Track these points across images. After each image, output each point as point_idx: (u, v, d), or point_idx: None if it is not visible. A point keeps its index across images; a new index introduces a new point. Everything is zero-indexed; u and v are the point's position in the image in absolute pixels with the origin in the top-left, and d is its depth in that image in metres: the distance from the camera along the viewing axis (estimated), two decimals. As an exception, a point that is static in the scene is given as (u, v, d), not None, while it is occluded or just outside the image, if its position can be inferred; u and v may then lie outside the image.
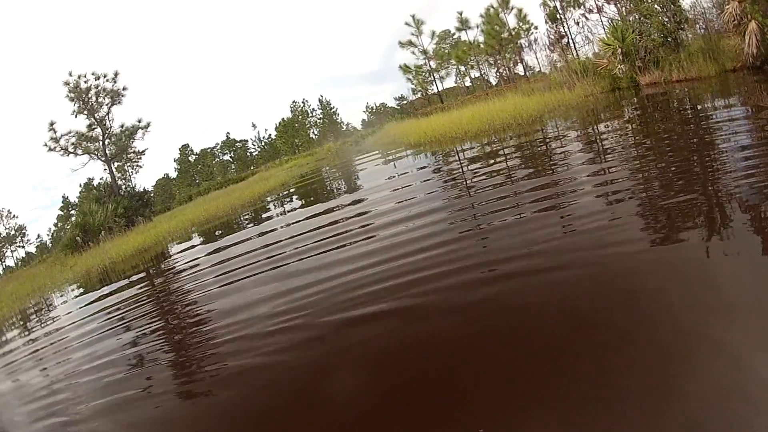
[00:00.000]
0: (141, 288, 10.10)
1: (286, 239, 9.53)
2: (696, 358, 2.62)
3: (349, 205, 11.01)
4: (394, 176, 13.89)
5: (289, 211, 14.56)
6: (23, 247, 65.85)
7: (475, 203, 7.46)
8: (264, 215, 16.12)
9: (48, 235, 69.13)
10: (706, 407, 2.30)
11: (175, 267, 11.49)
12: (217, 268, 8.99)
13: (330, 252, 7.27)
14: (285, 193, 22.13)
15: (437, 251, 5.61)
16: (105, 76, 35.83)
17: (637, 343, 2.88)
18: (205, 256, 11.00)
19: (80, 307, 10.35)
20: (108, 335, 7.04)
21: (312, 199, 15.90)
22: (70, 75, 34.78)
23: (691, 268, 3.51)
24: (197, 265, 10.40)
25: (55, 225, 68.96)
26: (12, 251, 64.55)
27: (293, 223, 11.25)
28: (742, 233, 3.70)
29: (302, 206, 14.70)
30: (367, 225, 8.15)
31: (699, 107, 10.77)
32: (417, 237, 6.42)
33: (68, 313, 10.52)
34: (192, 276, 9.33)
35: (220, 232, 15.41)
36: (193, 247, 14.29)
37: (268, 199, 21.83)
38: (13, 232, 64.97)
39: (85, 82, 35.19)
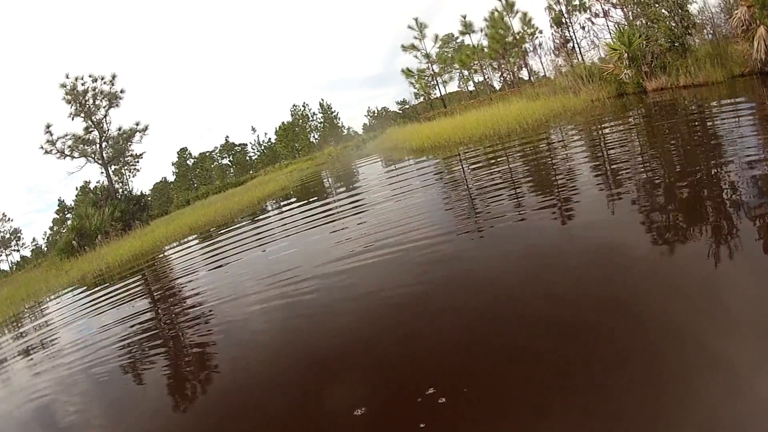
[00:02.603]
0: (137, 289, 9.86)
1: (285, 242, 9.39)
2: (695, 375, 2.52)
3: (346, 200, 11.14)
4: (392, 177, 13.85)
5: (289, 216, 14.35)
6: (18, 250, 65.64)
7: (475, 209, 7.41)
8: (264, 219, 15.87)
9: (43, 238, 68.90)
10: (703, 426, 2.23)
11: (171, 264, 11.31)
12: (216, 262, 8.98)
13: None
14: (284, 196, 21.90)
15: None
16: (102, 79, 35.62)
17: (634, 357, 2.78)
18: (202, 254, 10.89)
19: (75, 311, 10.07)
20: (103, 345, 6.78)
21: (315, 201, 15.72)
22: (67, 77, 34.60)
23: (693, 281, 3.42)
24: (194, 258, 10.42)
25: (51, 229, 68.71)
26: (7, 255, 64.28)
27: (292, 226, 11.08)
28: (746, 247, 3.59)
29: (306, 212, 14.52)
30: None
31: (706, 115, 10.55)
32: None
33: (62, 315, 10.29)
34: (187, 264, 9.46)
35: (218, 233, 15.20)
36: (190, 247, 14.04)
37: (268, 203, 21.62)
38: (8, 236, 64.70)
39: (83, 84, 34.99)
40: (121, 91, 36.40)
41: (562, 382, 2.75)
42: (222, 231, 16.13)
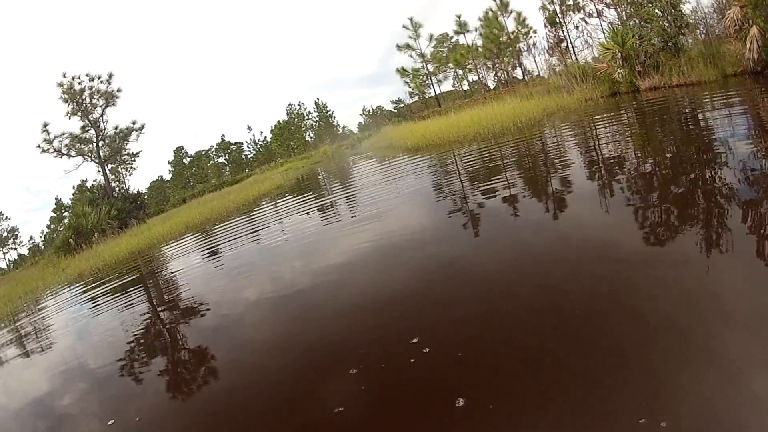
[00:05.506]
0: (133, 285, 9.92)
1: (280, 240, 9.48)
2: (691, 368, 2.54)
3: (340, 195, 11.27)
4: (387, 174, 14.00)
5: (285, 213, 14.48)
6: (15, 249, 65.31)
7: (470, 204, 7.54)
8: (260, 216, 15.96)
9: (40, 237, 68.58)
10: (700, 420, 2.24)
11: (168, 261, 11.41)
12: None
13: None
14: (280, 194, 21.96)
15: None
16: (99, 78, 35.47)
17: (630, 354, 2.79)
18: (198, 250, 11.00)
19: (72, 308, 10.14)
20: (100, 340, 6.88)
21: (310, 197, 15.88)
22: (64, 76, 34.44)
23: (688, 274, 3.45)
24: (190, 255, 10.60)
25: (48, 227, 68.38)
26: (4, 253, 64.02)
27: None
28: (740, 242, 3.62)
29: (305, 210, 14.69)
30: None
31: (698, 113, 10.72)
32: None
33: (59, 312, 10.32)
34: (183, 260, 9.62)
35: (213, 230, 15.29)
36: (186, 244, 14.12)
37: (263, 201, 21.69)
38: (5, 234, 64.42)
39: (79, 83, 34.83)
40: (118, 90, 36.32)
41: (558, 373, 2.82)
42: (217, 228, 16.21)
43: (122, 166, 40.97)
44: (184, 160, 76.67)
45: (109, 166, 38.09)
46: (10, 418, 5.13)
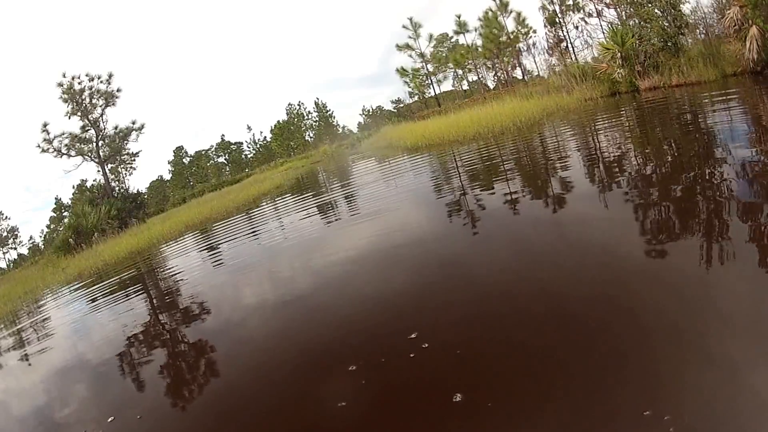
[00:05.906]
0: (133, 285, 9.93)
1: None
2: (691, 369, 2.53)
3: (340, 194, 11.33)
4: (386, 173, 14.03)
5: (285, 212, 14.50)
6: (15, 248, 65.32)
7: (469, 205, 7.52)
8: (259, 216, 15.97)
9: (40, 236, 68.59)
10: (699, 419, 2.23)
11: (167, 260, 11.43)
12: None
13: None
14: (279, 194, 21.98)
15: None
16: (99, 78, 35.41)
17: (630, 355, 2.78)
18: (197, 250, 11.03)
19: (72, 307, 10.14)
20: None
21: (309, 197, 15.90)
22: (64, 76, 34.36)
23: (687, 275, 3.42)
24: (189, 254, 10.59)
25: (48, 227, 68.37)
26: (4, 253, 64.02)
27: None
28: (740, 242, 3.60)
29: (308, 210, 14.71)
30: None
31: (698, 112, 10.73)
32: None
33: (59, 311, 10.33)
34: (182, 260, 9.74)
35: (213, 230, 15.32)
36: (185, 243, 14.13)
37: (263, 200, 21.71)
38: (5, 234, 64.43)
39: (79, 83, 34.75)
40: (118, 90, 36.24)
41: (558, 371, 2.82)
42: (217, 227, 16.24)
43: (122, 166, 40.98)
44: (184, 160, 76.70)
45: (109, 165, 38.09)
46: (10, 416, 5.15)
